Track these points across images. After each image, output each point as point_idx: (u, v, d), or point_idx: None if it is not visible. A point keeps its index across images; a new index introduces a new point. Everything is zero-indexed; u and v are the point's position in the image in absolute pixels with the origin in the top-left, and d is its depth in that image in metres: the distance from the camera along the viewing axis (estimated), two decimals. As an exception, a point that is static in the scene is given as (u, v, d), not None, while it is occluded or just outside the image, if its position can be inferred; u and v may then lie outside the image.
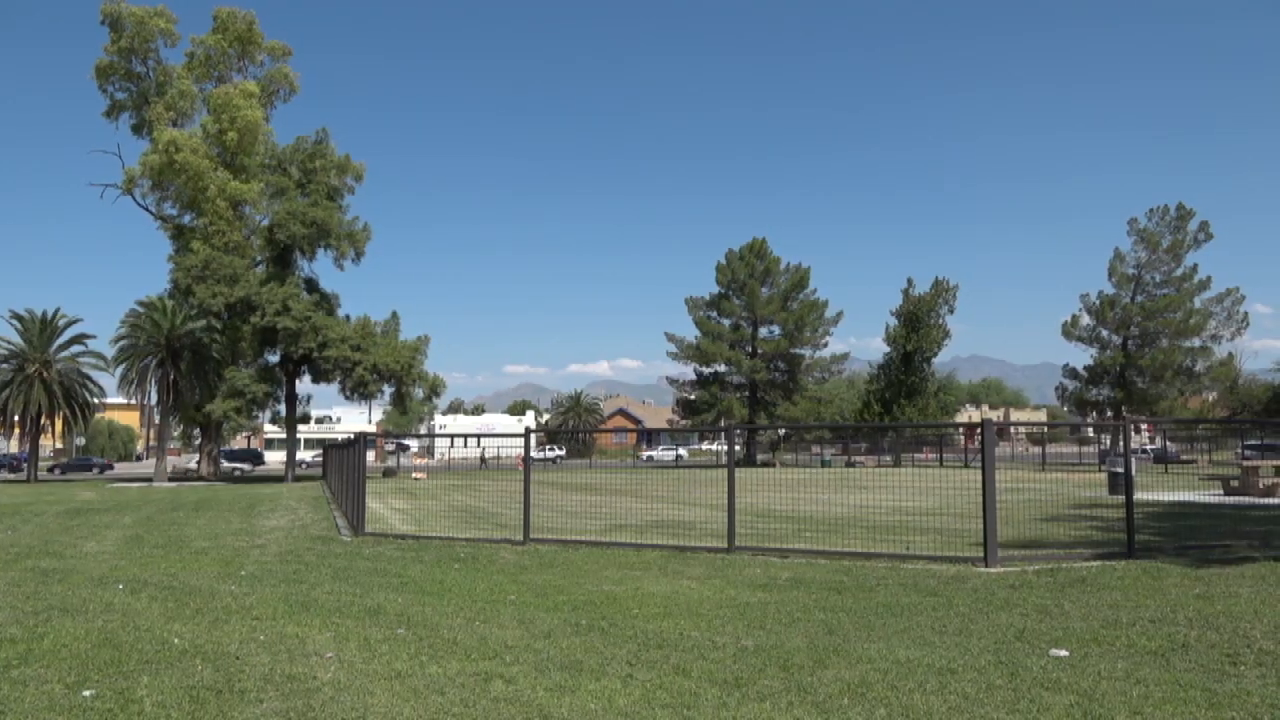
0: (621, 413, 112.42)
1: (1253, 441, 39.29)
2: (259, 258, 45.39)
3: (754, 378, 57.91)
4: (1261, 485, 21.35)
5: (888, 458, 54.54)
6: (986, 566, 10.33)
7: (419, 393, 46.77)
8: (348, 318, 45.21)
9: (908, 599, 8.51)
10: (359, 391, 43.51)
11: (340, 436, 51.30)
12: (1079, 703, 5.12)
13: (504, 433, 67.45)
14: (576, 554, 12.25)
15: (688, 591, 9.18)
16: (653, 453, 72.05)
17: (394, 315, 45.77)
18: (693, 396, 60.32)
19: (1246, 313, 51.60)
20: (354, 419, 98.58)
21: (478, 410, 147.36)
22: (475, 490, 28.50)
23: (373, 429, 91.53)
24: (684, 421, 61.79)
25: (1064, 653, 6.31)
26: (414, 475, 41.78)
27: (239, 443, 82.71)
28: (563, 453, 72.58)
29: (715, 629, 7.27)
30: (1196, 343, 52.01)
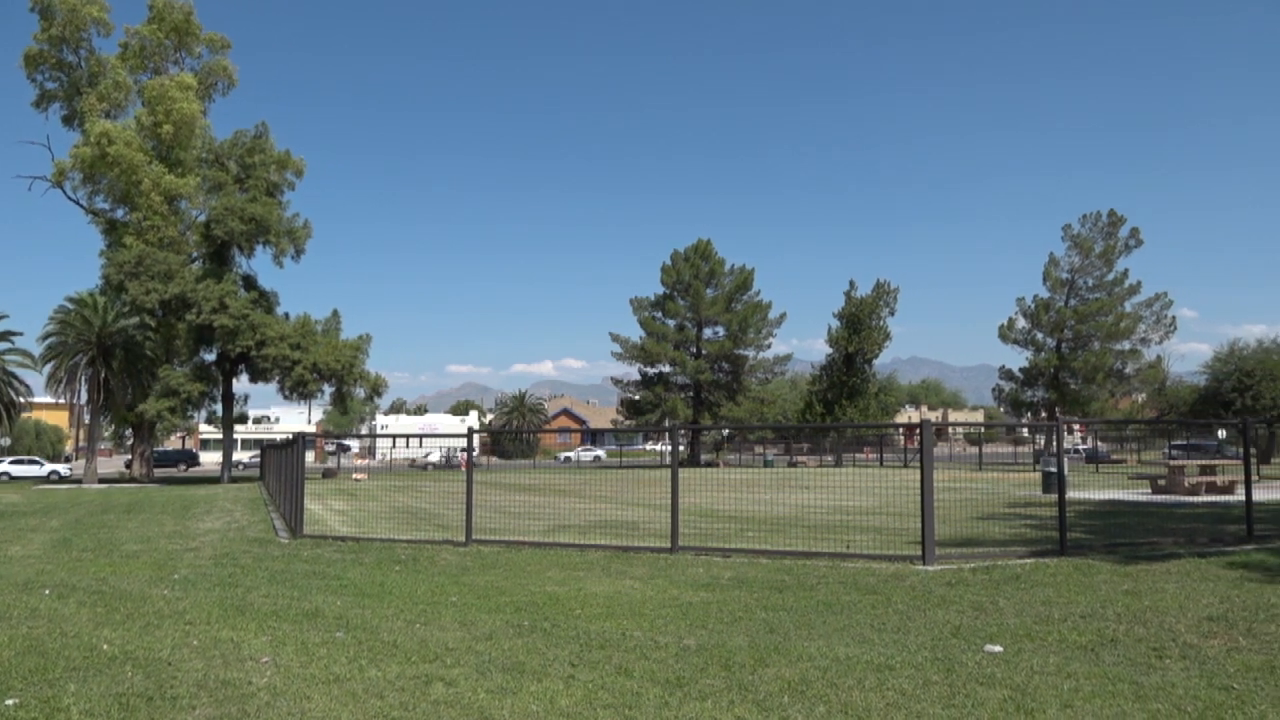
0: (566, 413, 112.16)
1: (1179, 442, 40.54)
2: (195, 254, 44.39)
3: (698, 378, 58.17)
4: (1187, 484, 22.04)
5: (829, 458, 55.18)
6: (924, 564, 10.50)
7: (360, 393, 46.18)
8: (287, 316, 44.45)
9: (848, 597, 8.62)
10: (298, 391, 42.80)
11: (279, 437, 50.43)
12: (1012, 697, 5.24)
13: (447, 433, 66.86)
14: (519, 555, 12.19)
15: (631, 591, 9.19)
16: (570, 454, 71.40)
17: (335, 314, 45.14)
18: (637, 397, 60.40)
19: (1174, 316, 53.21)
20: (293, 419, 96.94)
21: (420, 410, 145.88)
22: (417, 491, 28.22)
23: (312, 429, 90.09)
24: (628, 422, 61.84)
25: (998, 648, 6.44)
26: (354, 476, 41.21)
27: (173, 443, 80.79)
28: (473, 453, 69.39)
29: (658, 629, 7.29)
30: (1126, 345, 53.48)
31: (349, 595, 9.12)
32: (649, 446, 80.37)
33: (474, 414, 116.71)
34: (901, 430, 51.35)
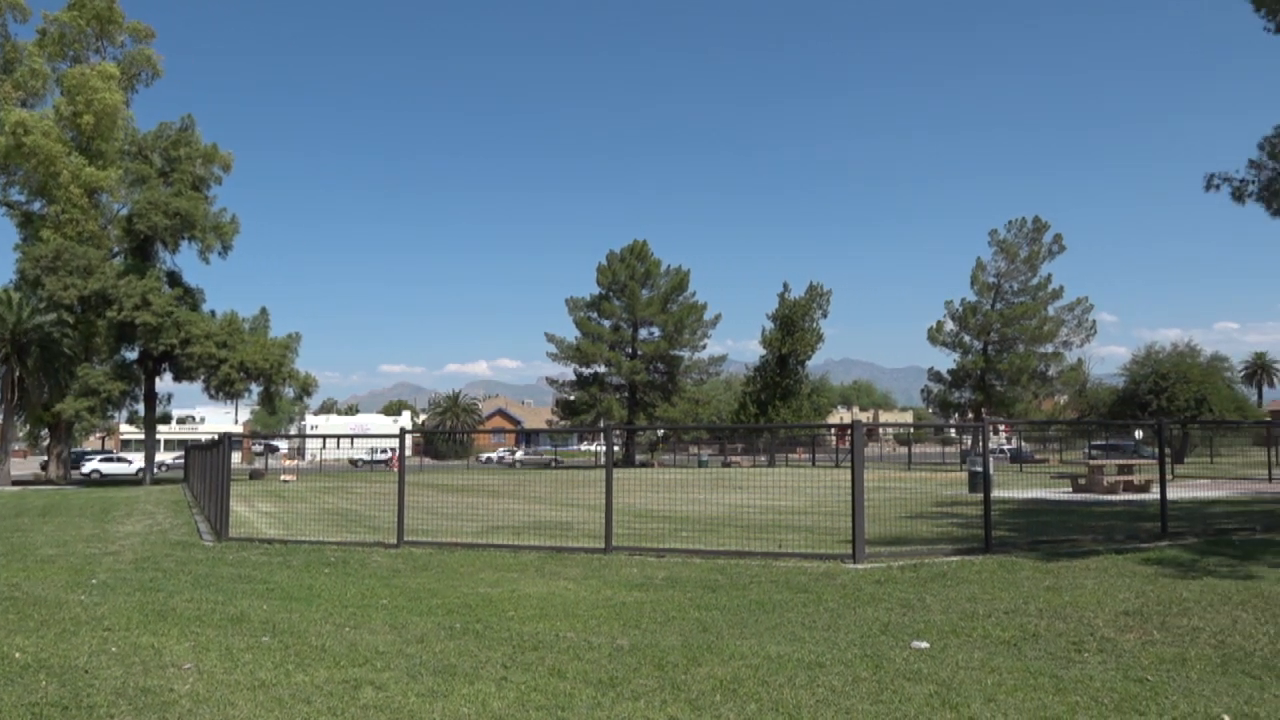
0: (500, 413, 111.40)
1: (1098, 442, 41.82)
2: (117, 249, 43.04)
3: (633, 379, 58.28)
4: (1105, 483, 22.75)
5: (763, 458, 55.72)
6: (854, 563, 10.67)
7: (289, 392, 45.26)
8: (213, 314, 43.32)
9: (779, 596, 8.72)
10: (225, 390, 41.77)
11: (204, 437, 49.13)
12: (938, 692, 5.35)
13: (379, 433, 65.84)
14: (452, 556, 12.08)
15: (564, 592, 9.17)
16: (491, 455, 70.41)
17: (263, 311, 44.16)
18: (572, 397, 60.29)
19: (1094, 321, 55.02)
20: (219, 419, 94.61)
21: (352, 410, 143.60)
22: (347, 492, 27.77)
23: (239, 429, 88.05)
24: (563, 422, 61.68)
25: (925, 644, 6.57)
26: (283, 478, 40.40)
27: (92, 444, 78.26)
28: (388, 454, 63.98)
29: (591, 629, 7.28)
30: (1049, 348, 55.08)
31: (276, 599, 8.94)
32: (584, 447, 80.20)
33: (407, 414, 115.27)
34: (833, 431, 52.13)
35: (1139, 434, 36.76)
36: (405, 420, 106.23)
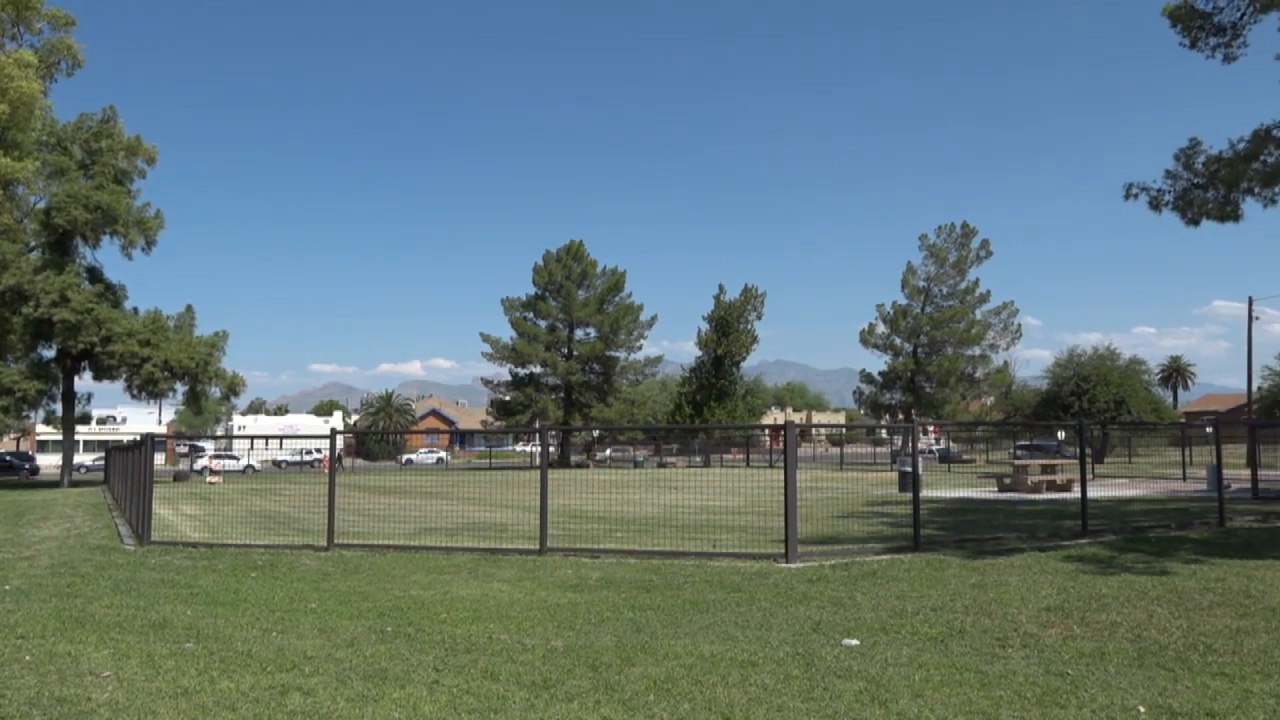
0: (434, 413, 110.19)
1: (1023, 442, 42.91)
2: (33, 243, 41.48)
3: (569, 379, 58.15)
4: (1030, 482, 23.37)
5: (698, 458, 56.02)
6: (787, 562, 10.78)
7: (216, 392, 44.14)
8: (136, 311, 42.02)
9: (713, 595, 8.77)
10: (148, 390, 40.57)
11: (125, 438, 47.64)
12: (868, 688, 5.43)
13: (309, 434, 64.59)
14: (383, 559, 11.91)
15: (498, 594, 9.11)
16: (412, 457, 68.91)
17: (189, 309, 42.96)
18: (508, 397, 59.92)
19: (1020, 324, 56.47)
20: (142, 419, 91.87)
21: (281, 410, 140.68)
22: (276, 494, 27.21)
23: (163, 430, 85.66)
24: (499, 423, 61.25)
25: (855, 642, 6.68)
26: (208, 479, 39.39)
27: (6, 445, 75.37)
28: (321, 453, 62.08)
29: (525, 631, 7.25)
30: (977, 351, 56.38)
31: (200, 604, 8.72)
32: (519, 448, 79.72)
33: (338, 415, 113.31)
34: (767, 431, 52.66)
35: (1061, 435, 37.82)
36: (337, 421, 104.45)
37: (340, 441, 15.97)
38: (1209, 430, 19.33)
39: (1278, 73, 14.64)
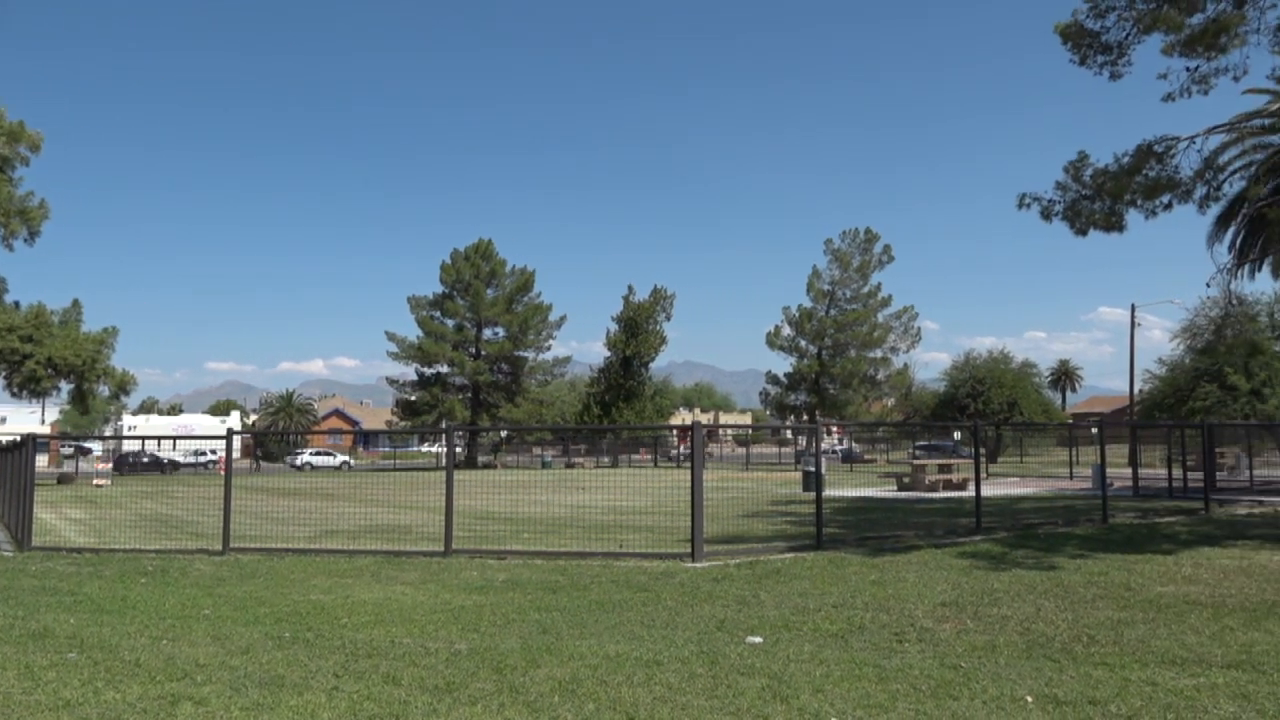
0: (337, 413, 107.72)
1: (922, 443, 44.20)
2: (-98, 232, 39.14)
3: (477, 379, 57.54)
4: (927, 481, 24.07)
5: (606, 459, 56.07)
6: (693, 561, 10.88)
7: (104, 390, 42.33)
8: (17, 305, 39.96)
9: (619, 595, 8.79)
10: (29, 388, 38.63)
11: (4, 438, 45.28)
12: (770, 685, 5.52)
13: (204, 434, 62.34)
14: (282, 563, 11.59)
15: (401, 597, 8.95)
16: (311, 459, 66.13)
17: (75, 304, 41.08)
18: (413, 397, 58.95)
19: (919, 328, 58.14)
20: (23, 419, 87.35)
21: (175, 410, 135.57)
22: (168, 497, 26.22)
23: (46, 430, 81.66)
24: (404, 423, 60.22)
25: (759, 639, 6.77)
26: (95, 482, 37.70)
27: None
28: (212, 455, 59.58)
29: (429, 634, 7.14)
30: (878, 354, 57.84)
31: (85, 612, 8.34)
32: (425, 448, 78.44)
33: (236, 414, 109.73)
34: (675, 432, 53.03)
35: (957, 435, 39.06)
36: (234, 421, 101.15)
37: (238, 442, 15.45)
38: (1094, 431, 20.22)
39: (1160, 90, 15.41)
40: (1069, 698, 5.22)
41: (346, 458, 59.77)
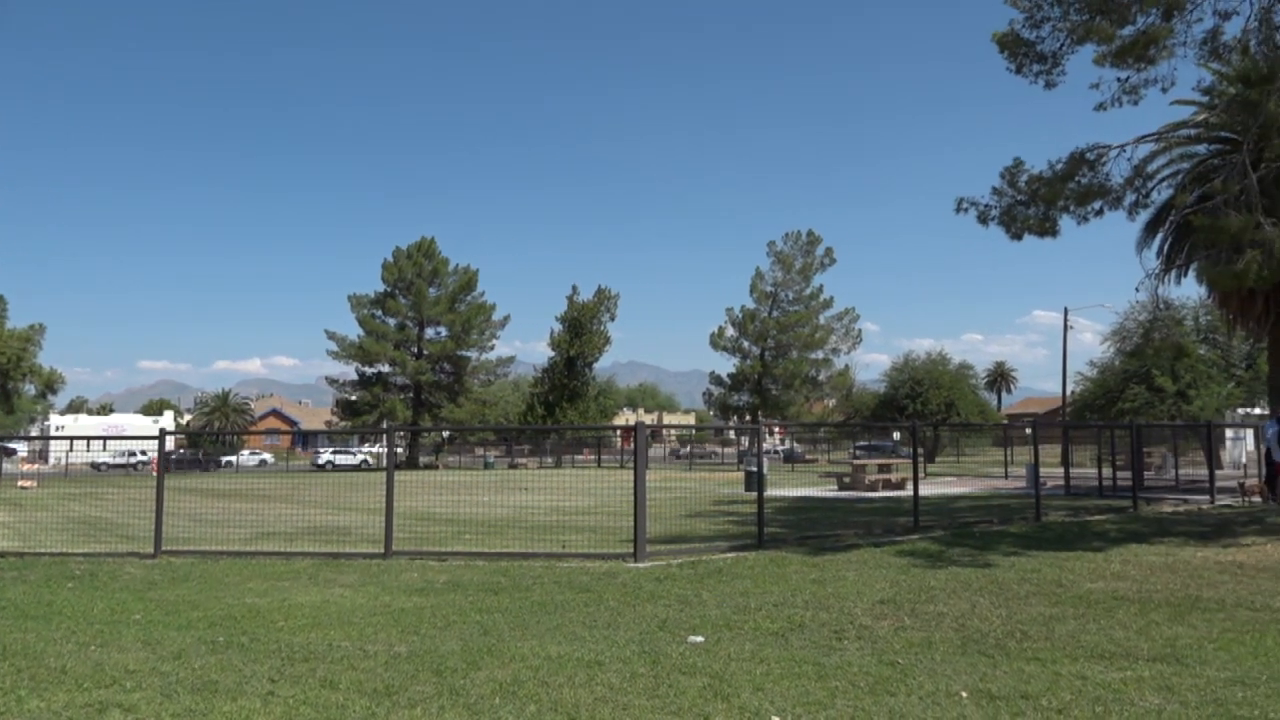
0: (275, 413, 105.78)
1: (862, 443, 44.82)
2: None
3: (419, 379, 56.95)
4: (867, 481, 24.41)
5: (549, 459, 55.87)
6: (636, 562, 10.89)
7: (30, 389, 41.09)
8: (-63, 301, 38.67)
9: (561, 596, 8.77)
10: (-49, 387, 37.36)
11: (-76, 439, 43.66)
12: (711, 684, 5.55)
13: (135, 434, 60.73)
14: (216, 566, 11.34)
15: (340, 600, 8.82)
16: (231, 459, 64.08)
17: None
18: (354, 397, 58.15)
19: (860, 330, 58.94)
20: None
21: (105, 410, 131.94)
22: (98, 499, 25.51)
23: (-32, 430, 78.80)
24: (344, 423, 59.36)
25: (700, 639, 6.81)
26: (20, 484, 36.52)
27: None
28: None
29: (367, 637, 7.04)
30: (820, 355, 58.48)
31: (8, 618, 8.07)
32: (366, 449, 77.36)
33: (169, 414, 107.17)
34: (618, 432, 53.06)
35: (896, 435, 39.68)
36: (167, 421, 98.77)
37: (171, 442, 15.07)
38: (1028, 431, 20.69)
39: (1093, 100, 15.82)
40: (1002, 692, 5.33)
41: (366, 457, 58.05)
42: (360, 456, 54.92)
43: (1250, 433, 24.31)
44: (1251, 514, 15.69)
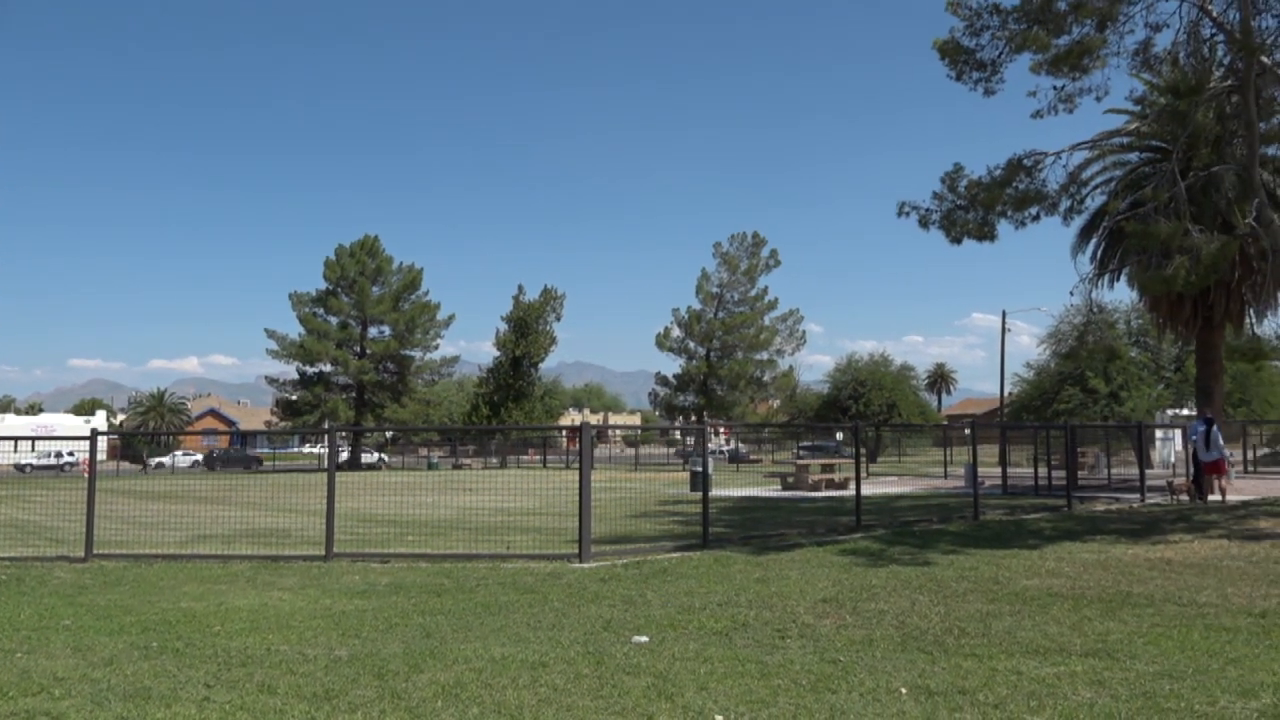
0: (213, 413, 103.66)
1: (805, 443, 45.26)
2: None
3: (361, 378, 56.19)
4: (811, 481, 24.65)
5: (494, 460, 55.52)
6: (581, 562, 10.87)
7: (-46, 388, 39.69)
8: None
9: (506, 597, 8.72)
10: None
11: None
12: (655, 684, 5.56)
13: (66, 435, 59.05)
14: (150, 569, 11.07)
15: (279, 603, 8.67)
16: (164, 460, 62.36)
17: (-78, 295, 38.44)
18: (294, 397, 57.16)
19: (804, 331, 59.51)
20: None
21: (34, 409, 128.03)
22: (25, 501, 24.74)
23: (-112, 431, 75.92)
24: (284, 423, 58.35)
25: (644, 639, 6.81)
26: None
27: None
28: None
29: (307, 641, 6.93)
30: (765, 356, 58.93)
31: (-71, 625, 7.79)
32: (306, 449, 76.07)
33: (102, 414, 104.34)
34: (564, 433, 52.93)
35: (839, 435, 40.14)
36: (99, 421, 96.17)
37: (104, 443, 14.68)
38: (967, 432, 21.08)
39: (1030, 107, 16.19)
40: (940, 688, 5.42)
41: (383, 456, 56.80)
42: (376, 456, 54.76)
43: (1178, 433, 25.05)
44: (1180, 512, 16.16)
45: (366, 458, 54.27)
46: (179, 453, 63.33)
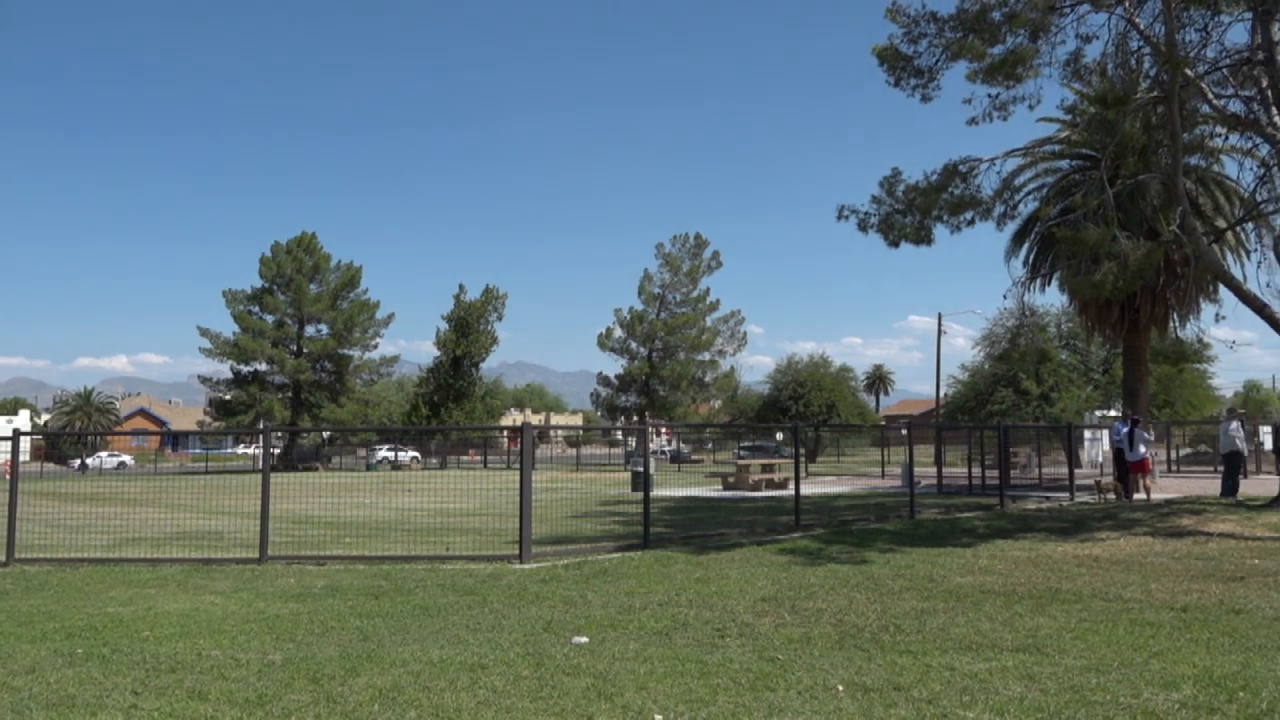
0: (143, 413, 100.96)
1: (746, 443, 45.62)
2: None
3: (298, 378, 55.22)
4: (751, 481, 24.86)
5: (435, 460, 54.97)
6: (521, 563, 10.82)
7: None
8: None
9: (445, 599, 8.63)
10: None
11: None
12: (595, 684, 5.56)
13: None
14: (76, 574, 10.75)
15: (210, 608, 8.47)
16: (86, 461, 60.82)
17: None
18: (228, 396, 55.94)
19: (746, 332, 59.94)
20: None
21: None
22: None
23: None
24: (217, 423, 57.09)
25: (585, 639, 6.80)
26: None
27: None
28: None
29: (240, 645, 6.79)
30: (707, 356, 59.24)
31: None
32: (241, 450, 74.50)
33: (25, 413, 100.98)
34: (505, 433, 52.53)
35: (779, 436, 40.53)
36: (22, 420, 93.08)
37: (27, 444, 14.22)
38: (904, 433, 21.42)
39: (966, 114, 16.51)
40: (876, 685, 5.50)
41: (416, 454, 55.35)
42: (410, 454, 53.83)
43: (1106, 433, 25.77)
44: (1107, 510, 16.62)
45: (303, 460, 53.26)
46: (104, 454, 61.50)
